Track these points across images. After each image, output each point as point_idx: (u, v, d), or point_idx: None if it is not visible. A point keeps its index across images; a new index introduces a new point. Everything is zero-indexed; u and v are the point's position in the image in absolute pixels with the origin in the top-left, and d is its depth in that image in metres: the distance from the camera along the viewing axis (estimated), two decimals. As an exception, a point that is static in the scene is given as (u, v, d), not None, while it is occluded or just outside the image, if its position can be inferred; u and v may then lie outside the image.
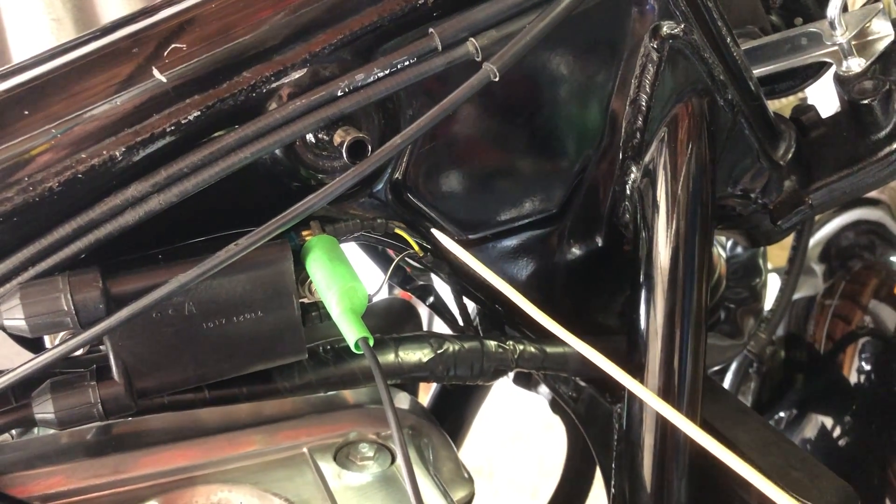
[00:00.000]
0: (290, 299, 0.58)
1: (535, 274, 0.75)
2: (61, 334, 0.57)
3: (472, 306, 0.84)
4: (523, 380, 0.93)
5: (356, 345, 0.55)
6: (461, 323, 0.81)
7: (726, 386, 1.14)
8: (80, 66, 0.56)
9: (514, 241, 0.73)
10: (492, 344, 0.69)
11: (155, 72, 0.55)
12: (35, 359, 0.53)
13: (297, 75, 0.57)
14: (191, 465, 0.63)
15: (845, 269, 1.17)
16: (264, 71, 0.57)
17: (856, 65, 0.74)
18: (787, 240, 1.00)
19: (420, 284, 0.88)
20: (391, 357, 0.65)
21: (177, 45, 0.56)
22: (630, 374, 0.71)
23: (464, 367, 0.68)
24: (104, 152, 0.54)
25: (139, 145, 0.55)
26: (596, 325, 0.79)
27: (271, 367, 0.61)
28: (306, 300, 0.60)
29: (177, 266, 0.55)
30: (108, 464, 0.62)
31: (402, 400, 0.72)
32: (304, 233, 0.61)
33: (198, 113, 0.55)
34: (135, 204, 0.55)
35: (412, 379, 0.68)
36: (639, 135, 0.69)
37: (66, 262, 0.54)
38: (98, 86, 0.55)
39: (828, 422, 1.05)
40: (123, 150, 0.54)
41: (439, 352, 0.67)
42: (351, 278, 0.57)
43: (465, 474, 0.71)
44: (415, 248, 0.68)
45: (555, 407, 0.96)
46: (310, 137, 0.59)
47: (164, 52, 0.55)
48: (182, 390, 0.60)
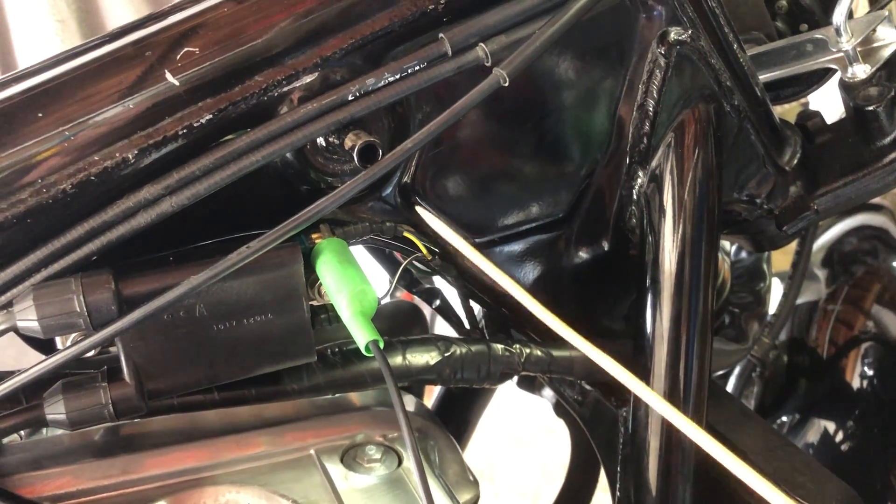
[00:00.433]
0: (301, 302, 0.58)
1: (542, 277, 0.75)
2: (73, 335, 0.57)
3: (478, 309, 0.84)
4: (527, 383, 0.93)
5: (367, 348, 0.55)
6: (467, 326, 0.81)
7: (730, 390, 1.15)
8: (93, 69, 0.56)
9: (520, 244, 0.73)
10: (498, 347, 0.69)
11: (167, 75, 0.55)
12: (47, 360, 0.53)
13: (308, 79, 0.57)
14: (199, 466, 0.63)
15: (848, 275, 1.18)
16: (276, 75, 0.57)
17: (861, 71, 0.74)
18: (790, 245, 1.01)
19: (426, 287, 0.88)
20: (399, 360, 0.66)
21: (189, 48, 0.56)
22: (636, 379, 0.72)
23: (471, 370, 0.68)
24: (117, 155, 0.54)
25: (151, 148, 0.55)
26: (602, 329, 0.79)
27: (280, 369, 0.61)
28: (316, 303, 0.61)
29: (188, 268, 0.55)
30: (117, 464, 0.62)
31: (408, 402, 0.72)
32: (314, 236, 0.61)
33: (210, 116, 0.56)
34: (147, 206, 0.55)
35: (419, 382, 0.68)
36: (646, 140, 0.70)
37: (78, 263, 0.54)
38: (111, 89, 0.55)
39: (830, 426, 1.05)
40: (136, 152, 0.55)
41: (447, 355, 0.67)
42: (361, 281, 0.57)
43: (471, 477, 0.71)
44: (423, 251, 0.69)
45: (559, 410, 0.96)
46: (320, 141, 0.59)
47: (177, 56, 0.56)
48: (191, 392, 0.60)
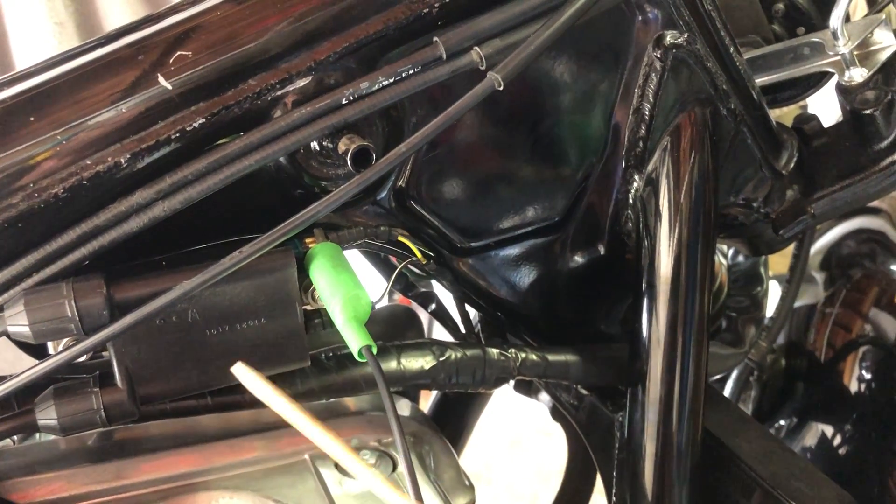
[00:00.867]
0: (294, 307, 0.58)
1: (538, 282, 0.75)
2: (65, 340, 0.57)
3: (473, 313, 0.84)
4: (524, 387, 0.93)
5: (360, 353, 0.55)
6: (463, 330, 0.81)
7: (727, 394, 1.14)
8: (85, 72, 0.56)
9: (516, 249, 0.73)
10: (494, 351, 0.69)
11: (160, 79, 0.55)
12: (38, 365, 0.53)
13: (301, 83, 0.57)
14: (192, 471, 0.63)
15: (846, 278, 1.17)
16: (269, 79, 0.57)
17: (858, 75, 0.74)
18: (787, 248, 1.00)
19: (422, 291, 0.88)
20: (393, 364, 0.65)
21: (182, 52, 0.56)
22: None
23: (466, 374, 0.68)
24: (109, 159, 0.54)
25: (144, 152, 0.55)
26: (598, 333, 0.79)
27: (274, 374, 0.61)
28: (309, 307, 0.60)
29: (181, 273, 0.55)
30: (110, 470, 0.62)
31: (403, 407, 0.72)
32: (308, 240, 0.61)
33: (203, 120, 0.55)
34: (139, 211, 0.54)
35: (414, 386, 0.68)
36: (641, 144, 0.69)
37: (70, 268, 0.54)
38: (103, 92, 0.55)
39: (828, 430, 1.05)
40: (128, 156, 0.54)
41: (441, 359, 0.67)
42: (354, 286, 0.57)
43: (466, 481, 0.71)
44: (418, 255, 0.68)
45: (555, 414, 0.95)
46: (314, 145, 0.59)
47: (170, 60, 0.55)
48: (184, 397, 0.60)
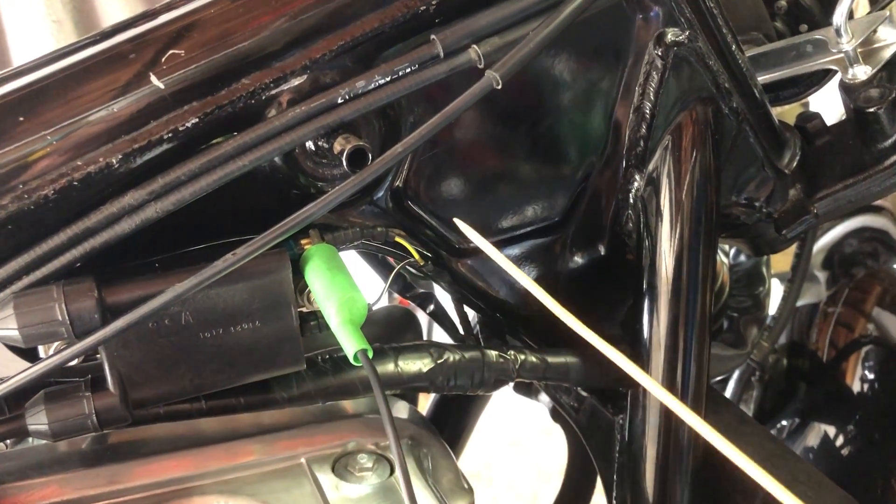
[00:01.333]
0: (289, 309, 0.57)
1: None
2: (55, 344, 0.56)
3: (472, 314, 0.83)
4: (524, 388, 0.92)
5: (355, 357, 0.54)
6: (461, 331, 0.80)
7: (728, 395, 1.14)
8: (76, 71, 0.55)
9: (515, 249, 0.72)
10: (493, 353, 0.68)
11: (152, 78, 0.54)
12: (28, 369, 0.52)
13: (296, 82, 0.56)
14: (187, 475, 0.62)
15: (849, 277, 1.17)
16: (263, 77, 0.56)
17: (862, 72, 0.73)
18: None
19: (420, 292, 0.87)
20: (391, 367, 0.65)
21: (175, 50, 0.55)
22: (633, 384, 0.71)
23: (464, 377, 0.67)
24: (100, 159, 0.53)
25: (136, 153, 0.54)
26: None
27: (269, 377, 0.60)
28: (305, 309, 0.60)
29: (173, 275, 0.54)
30: (104, 474, 0.61)
31: (400, 409, 0.71)
32: (303, 241, 0.60)
33: (196, 120, 0.55)
34: (131, 212, 0.54)
35: (412, 389, 0.67)
36: (642, 143, 0.69)
37: (60, 271, 0.53)
38: (95, 92, 0.54)
39: (831, 431, 1.04)
40: (120, 157, 0.54)
41: (439, 362, 0.66)
42: (350, 289, 0.56)
43: (465, 485, 0.70)
44: (415, 256, 0.68)
45: (555, 416, 0.95)
46: (309, 145, 0.58)
47: (162, 58, 0.55)
48: (178, 401, 0.59)
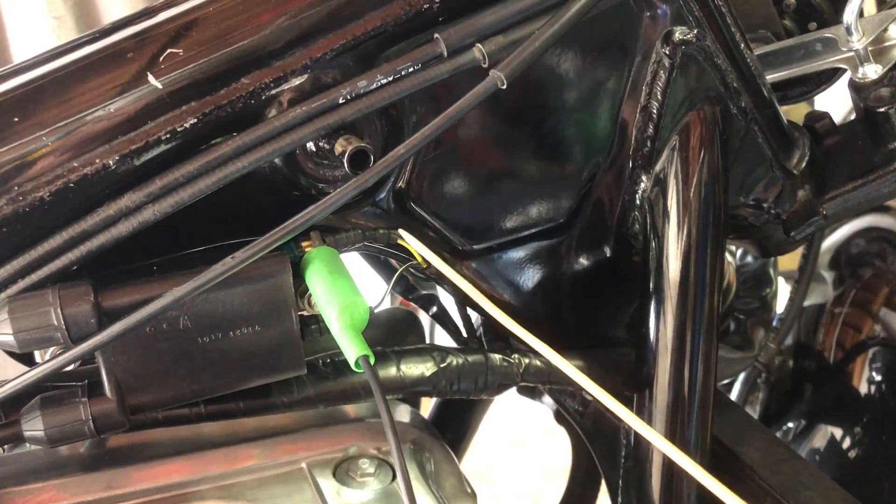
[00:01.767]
0: (289, 313, 0.57)
1: (542, 285, 0.73)
2: (52, 349, 0.55)
3: (475, 317, 0.82)
4: (527, 390, 0.91)
5: (356, 363, 0.53)
6: (465, 334, 0.80)
7: (734, 397, 1.13)
8: (72, 71, 0.54)
9: (520, 251, 0.72)
10: (496, 357, 0.67)
11: (150, 78, 0.53)
12: (24, 375, 0.52)
13: (297, 82, 0.56)
14: (186, 480, 0.62)
15: (856, 277, 1.16)
16: (263, 77, 0.55)
17: (872, 71, 0.72)
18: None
19: (423, 294, 0.86)
20: (393, 371, 0.64)
21: (173, 49, 0.54)
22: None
23: (467, 381, 0.66)
24: (97, 161, 0.53)
25: (133, 154, 0.53)
26: (603, 337, 0.78)
27: (269, 382, 0.59)
28: (306, 313, 0.59)
29: (172, 279, 0.54)
30: (102, 479, 0.61)
31: (402, 413, 0.71)
32: (304, 244, 0.59)
33: (194, 120, 0.54)
34: (128, 214, 0.53)
35: (414, 394, 0.66)
36: (649, 143, 0.68)
37: (56, 274, 0.53)
38: (91, 91, 0.54)
39: (837, 433, 1.04)
40: (117, 158, 0.53)
41: (442, 366, 0.65)
42: (352, 293, 0.55)
43: (468, 489, 0.69)
44: (418, 258, 0.66)
45: (559, 419, 0.94)
46: (310, 146, 0.57)
47: (160, 58, 0.54)
48: (176, 406, 0.58)
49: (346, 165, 0.54)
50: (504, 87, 0.55)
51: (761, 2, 0.79)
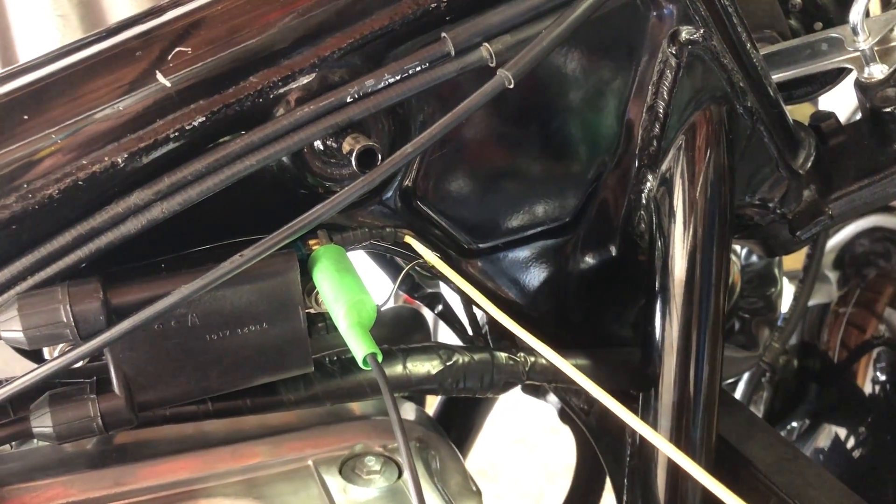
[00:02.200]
0: (297, 311, 0.57)
1: (547, 284, 0.73)
2: (60, 346, 0.56)
3: (481, 315, 0.82)
4: (532, 389, 0.91)
5: (364, 361, 0.53)
6: (470, 332, 0.80)
7: (738, 396, 1.13)
8: (81, 69, 0.54)
9: (526, 250, 0.72)
10: (502, 356, 0.67)
11: (158, 76, 0.53)
12: (33, 371, 0.52)
13: (305, 80, 0.56)
14: (193, 477, 0.62)
15: (860, 277, 1.16)
16: (271, 76, 0.55)
17: (878, 71, 0.72)
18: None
19: (429, 293, 0.86)
20: (399, 369, 0.64)
21: (181, 48, 0.54)
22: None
23: (473, 379, 0.66)
24: (106, 159, 0.53)
25: (142, 152, 0.53)
26: (609, 337, 0.78)
27: (276, 380, 0.60)
28: (313, 311, 0.59)
29: (180, 276, 0.54)
30: (109, 476, 0.61)
31: (408, 410, 0.71)
32: (311, 242, 0.59)
33: (203, 119, 0.54)
34: (137, 212, 0.53)
35: (420, 391, 0.66)
36: (656, 142, 0.68)
37: (65, 271, 0.53)
38: (100, 90, 0.54)
39: (842, 433, 1.03)
40: (126, 156, 0.53)
41: (448, 364, 0.65)
42: (359, 291, 0.55)
43: (474, 487, 0.69)
44: (424, 257, 0.67)
45: (564, 417, 0.94)
46: (318, 145, 0.57)
47: (169, 56, 0.54)
48: (184, 403, 0.58)
49: (353, 164, 0.54)
50: (511, 87, 0.55)
51: (767, 1, 0.79)
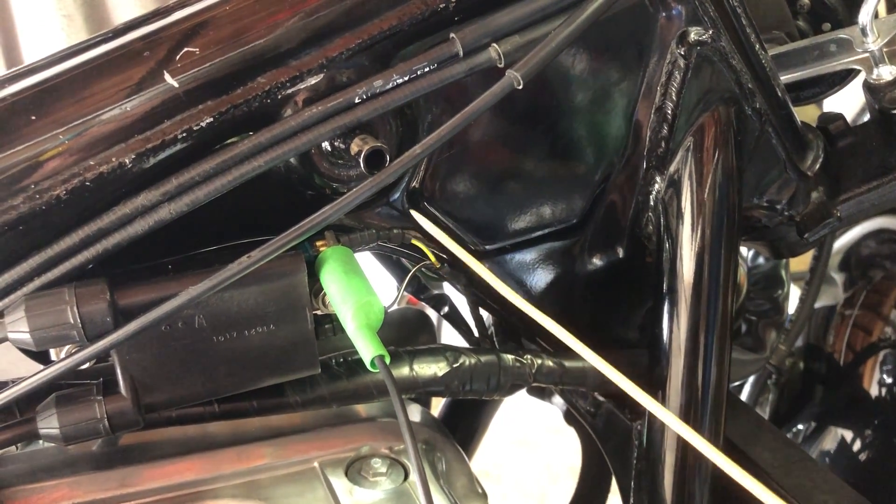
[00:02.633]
0: (304, 313, 0.57)
1: (555, 286, 0.73)
2: (67, 347, 0.55)
3: (487, 317, 0.82)
4: (538, 391, 0.91)
5: (372, 363, 0.53)
6: (476, 334, 0.79)
7: (744, 398, 1.12)
8: (89, 69, 0.54)
9: (533, 252, 0.71)
10: (509, 358, 0.67)
11: (166, 76, 0.53)
12: (39, 373, 0.51)
13: (313, 81, 0.55)
14: (199, 478, 0.62)
15: (866, 279, 1.15)
16: (279, 76, 0.55)
17: (887, 73, 0.72)
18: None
19: (434, 294, 0.86)
20: (406, 371, 0.64)
21: (189, 48, 0.54)
22: (651, 390, 0.70)
23: (480, 381, 0.66)
24: (113, 159, 0.53)
25: (149, 152, 0.53)
26: (616, 339, 0.77)
27: (283, 381, 0.59)
28: (320, 312, 0.59)
29: (187, 277, 0.54)
30: (115, 477, 0.61)
31: (414, 412, 0.71)
32: (319, 243, 0.59)
33: (210, 119, 0.54)
34: (144, 213, 0.53)
35: (427, 393, 0.66)
36: (664, 144, 0.67)
37: (72, 272, 0.52)
38: (108, 90, 0.53)
39: (848, 435, 1.03)
40: (133, 157, 0.53)
41: (455, 366, 0.65)
42: (367, 292, 0.55)
43: (479, 489, 0.69)
44: (431, 258, 0.66)
45: (569, 419, 0.94)
46: (325, 146, 0.57)
47: (177, 56, 0.54)
48: (191, 404, 0.58)
49: (362, 165, 0.54)
50: (520, 87, 0.55)
51: (775, 2, 0.79)
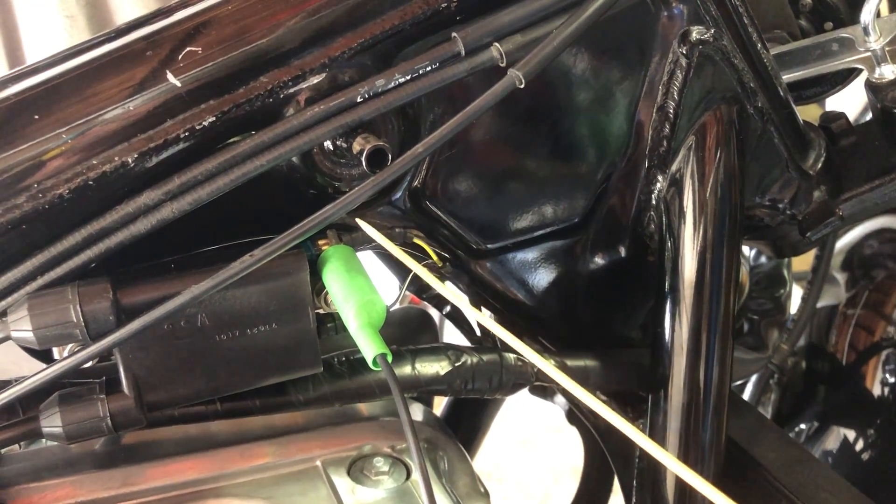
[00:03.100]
0: (306, 312, 0.57)
1: (556, 284, 0.73)
2: (70, 345, 0.56)
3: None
4: (540, 390, 0.91)
5: (374, 361, 0.53)
6: (478, 333, 0.80)
7: (746, 397, 1.12)
8: (92, 69, 0.54)
9: (535, 251, 0.71)
10: (511, 357, 0.67)
11: (169, 76, 0.53)
12: (43, 371, 0.52)
13: (315, 80, 0.56)
14: (201, 477, 0.62)
15: (869, 279, 1.15)
16: (282, 76, 0.55)
17: (889, 72, 0.72)
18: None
19: (437, 293, 0.86)
20: (408, 370, 0.64)
21: (192, 48, 0.54)
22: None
23: (482, 380, 0.66)
24: (116, 158, 0.53)
25: (152, 151, 0.53)
26: (618, 338, 0.78)
27: (285, 380, 0.60)
28: (322, 311, 0.59)
29: (190, 276, 0.54)
30: (117, 476, 0.61)
31: (416, 411, 0.71)
32: (321, 242, 0.59)
33: (213, 119, 0.54)
34: (147, 212, 0.53)
35: (429, 392, 0.66)
36: (666, 143, 0.67)
37: (75, 271, 0.53)
38: (110, 90, 0.54)
39: (850, 435, 1.03)
40: (136, 156, 0.53)
41: (457, 365, 0.65)
42: (369, 291, 0.55)
43: (482, 488, 0.69)
44: (433, 257, 0.67)
45: (571, 418, 0.94)
46: (328, 145, 0.57)
47: (179, 56, 0.54)
48: (193, 403, 0.58)
49: (364, 164, 0.54)
50: (522, 87, 0.55)
51: (777, 2, 0.79)
